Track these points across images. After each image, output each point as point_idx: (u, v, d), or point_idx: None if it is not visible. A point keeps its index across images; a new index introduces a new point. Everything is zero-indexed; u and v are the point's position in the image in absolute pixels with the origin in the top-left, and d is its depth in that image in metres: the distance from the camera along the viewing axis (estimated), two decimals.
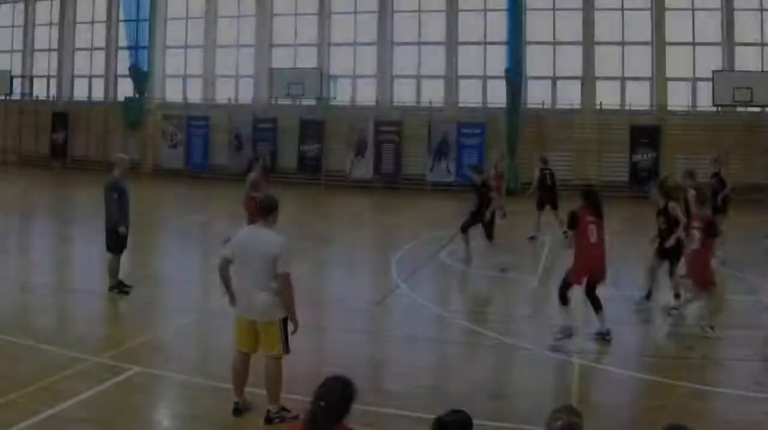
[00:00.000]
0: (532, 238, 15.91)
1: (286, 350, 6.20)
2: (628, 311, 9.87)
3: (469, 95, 26.84)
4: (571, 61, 26.11)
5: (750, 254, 13.36)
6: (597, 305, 8.65)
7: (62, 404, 6.36)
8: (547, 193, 16.48)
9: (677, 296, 10.17)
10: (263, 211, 6.28)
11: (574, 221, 8.73)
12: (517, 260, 13.23)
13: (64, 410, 6.27)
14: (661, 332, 9.41)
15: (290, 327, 6.23)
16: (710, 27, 25.70)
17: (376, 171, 26.55)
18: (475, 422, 3.69)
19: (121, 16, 29.16)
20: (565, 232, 10.21)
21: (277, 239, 6.13)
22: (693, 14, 25.85)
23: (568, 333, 8.47)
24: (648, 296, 10.25)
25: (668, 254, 10.10)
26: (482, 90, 26.81)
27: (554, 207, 16.29)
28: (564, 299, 8.65)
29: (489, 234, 13.05)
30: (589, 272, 8.63)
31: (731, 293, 11.14)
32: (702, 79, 25.30)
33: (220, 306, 9.00)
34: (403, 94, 27.15)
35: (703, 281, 9.09)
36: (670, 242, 9.89)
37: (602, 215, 8.81)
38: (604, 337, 8.60)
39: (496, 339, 8.64)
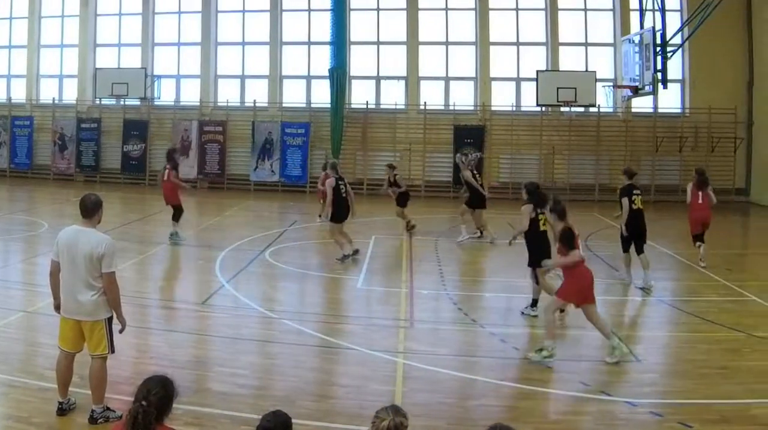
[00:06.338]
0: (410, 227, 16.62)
1: (111, 349, 6.23)
2: (451, 310, 9.82)
3: (293, 95, 26.71)
4: (396, 60, 26.13)
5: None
6: None
7: None
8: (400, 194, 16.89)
9: None
10: (87, 210, 6.16)
11: None
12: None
13: None
14: (486, 332, 9.25)
15: (116, 326, 6.24)
16: (534, 27, 25.88)
17: (200, 171, 26.28)
18: (299, 422, 3.71)
19: None
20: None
21: (102, 238, 6.11)
22: (517, 14, 26.05)
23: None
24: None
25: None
26: (306, 90, 26.76)
27: (399, 204, 16.81)
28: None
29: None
30: None
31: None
32: (526, 80, 25.41)
33: (45, 305, 8.77)
34: (228, 94, 26.94)
35: None
36: None
37: None
38: None
39: (321, 339, 8.54)
